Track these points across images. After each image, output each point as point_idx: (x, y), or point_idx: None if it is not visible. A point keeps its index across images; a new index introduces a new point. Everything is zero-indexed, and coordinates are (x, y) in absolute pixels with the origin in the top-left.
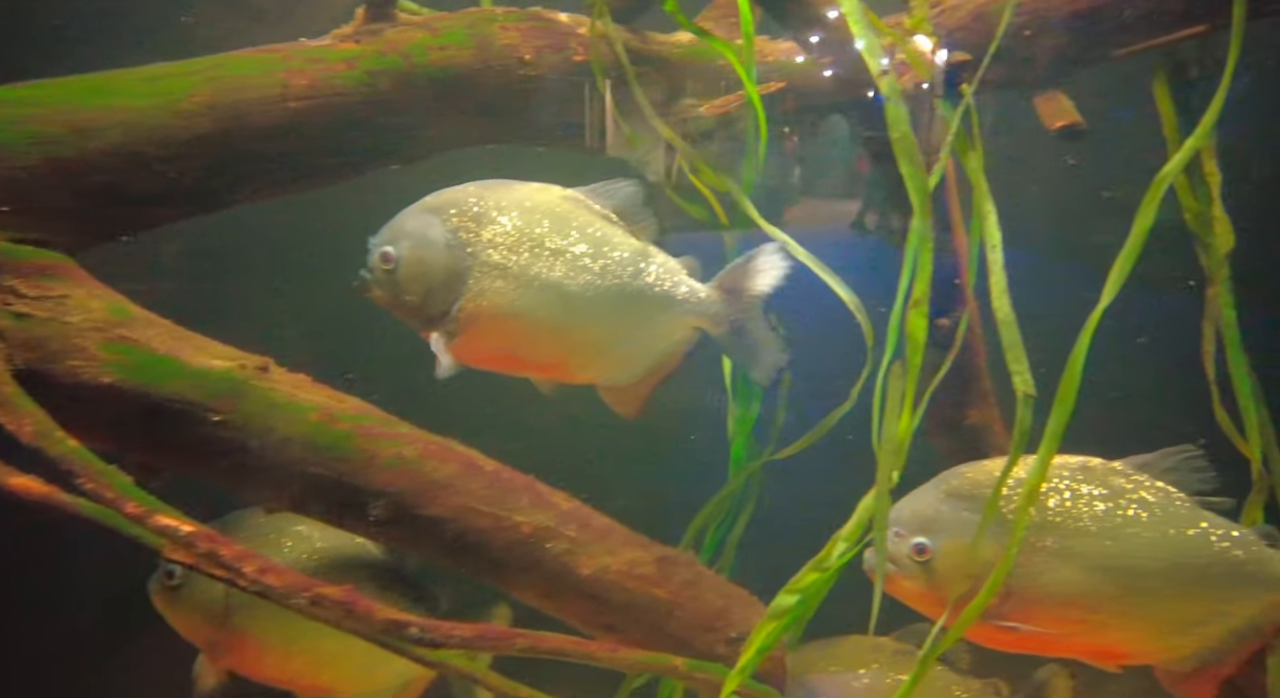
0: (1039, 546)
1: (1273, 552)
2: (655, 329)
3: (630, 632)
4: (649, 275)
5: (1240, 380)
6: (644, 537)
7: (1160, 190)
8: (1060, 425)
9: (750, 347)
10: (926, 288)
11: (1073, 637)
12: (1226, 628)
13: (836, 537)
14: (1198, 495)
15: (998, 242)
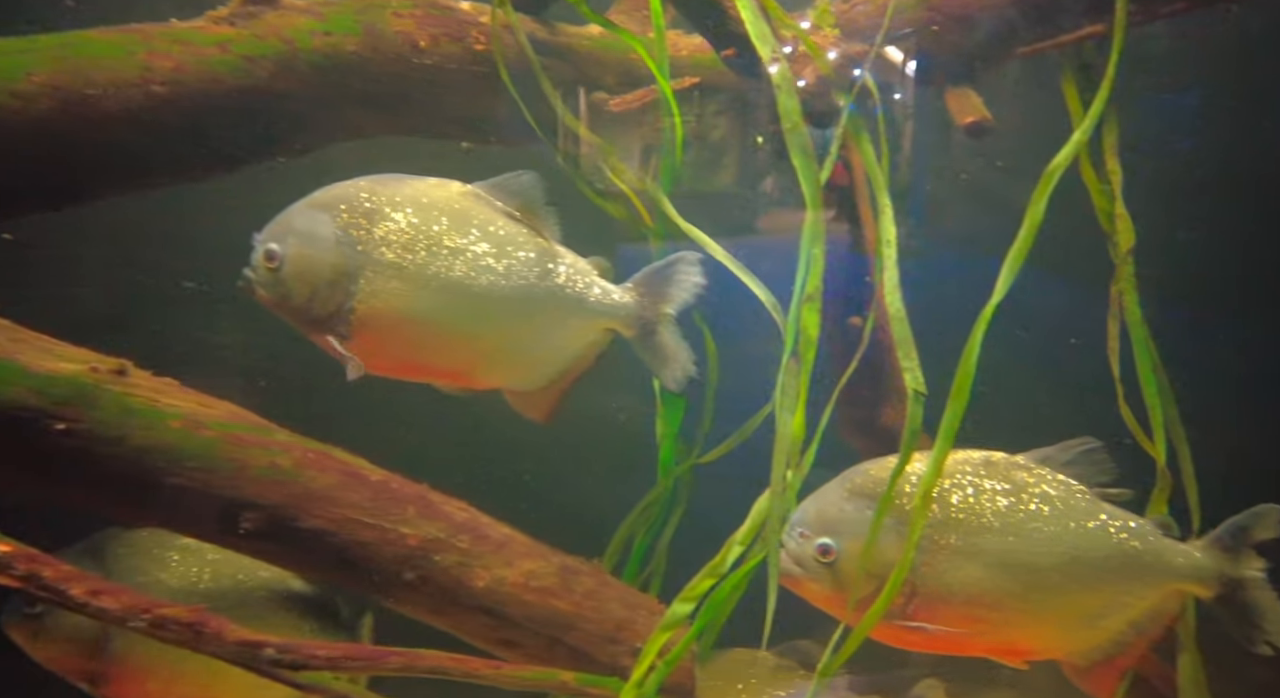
0: (943, 543)
1: (1169, 542)
2: (565, 332)
3: (530, 647)
4: (558, 276)
5: (1146, 378)
6: (546, 547)
7: (1050, 183)
8: (954, 422)
9: (662, 352)
10: (819, 283)
11: (978, 635)
12: (1127, 619)
13: (731, 540)
14: (1098, 487)
15: (892, 237)
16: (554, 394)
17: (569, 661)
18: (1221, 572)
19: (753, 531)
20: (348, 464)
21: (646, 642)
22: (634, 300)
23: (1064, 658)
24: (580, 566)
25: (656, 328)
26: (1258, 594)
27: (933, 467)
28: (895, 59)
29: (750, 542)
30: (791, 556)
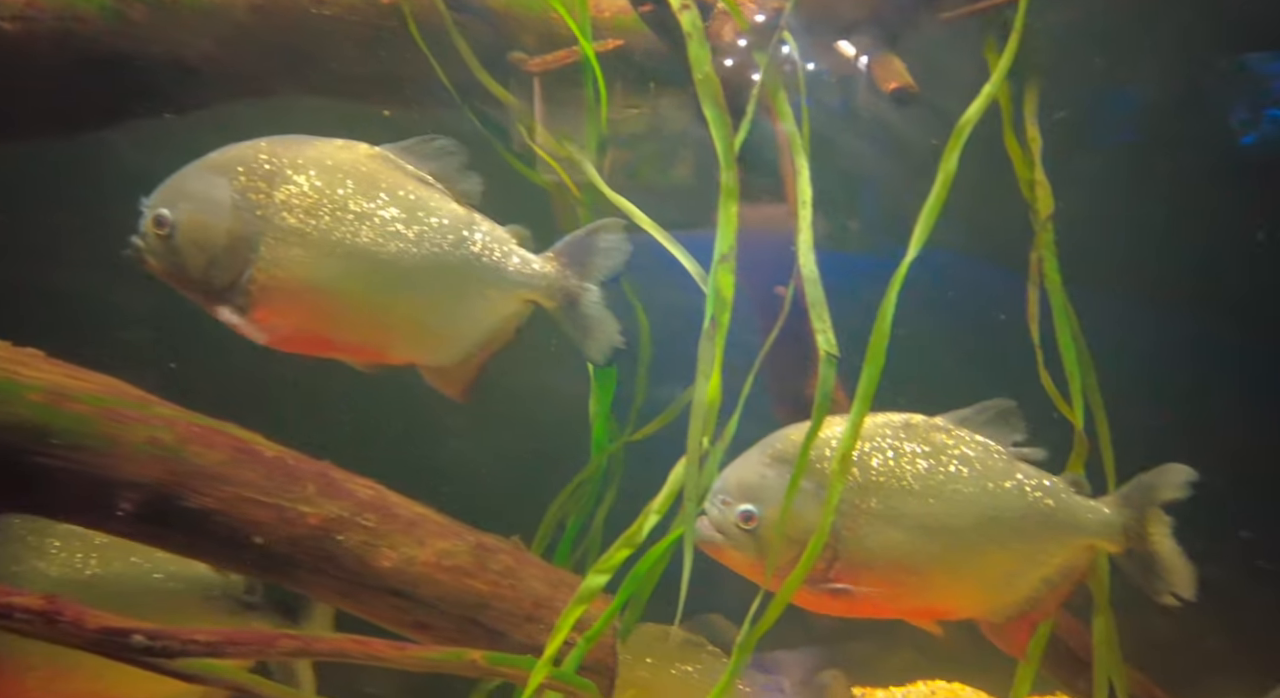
0: (863, 508)
1: (1081, 499)
2: (482, 303)
3: (443, 628)
4: (474, 244)
5: (1065, 345)
6: (461, 525)
7: (961, 137)
8: (871, 386)
9: (585, 324)
10: (733, 242)
11: (899, 598)
12: (1041, 576)
13: (647, 509)
14: (1014, 447)
15: (808, 198)
16: (471, 369)
17: (485, 641)
18: (1129, 527)
19: (669, 499)
20: (239, 440)
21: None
22: (555, 270)
23: (981, 617)
24: (498, 544)
25: (579, 299)
26: (1163, 548)
27: (850, 430)
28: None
29: (667, 511)
30: (713, 523)
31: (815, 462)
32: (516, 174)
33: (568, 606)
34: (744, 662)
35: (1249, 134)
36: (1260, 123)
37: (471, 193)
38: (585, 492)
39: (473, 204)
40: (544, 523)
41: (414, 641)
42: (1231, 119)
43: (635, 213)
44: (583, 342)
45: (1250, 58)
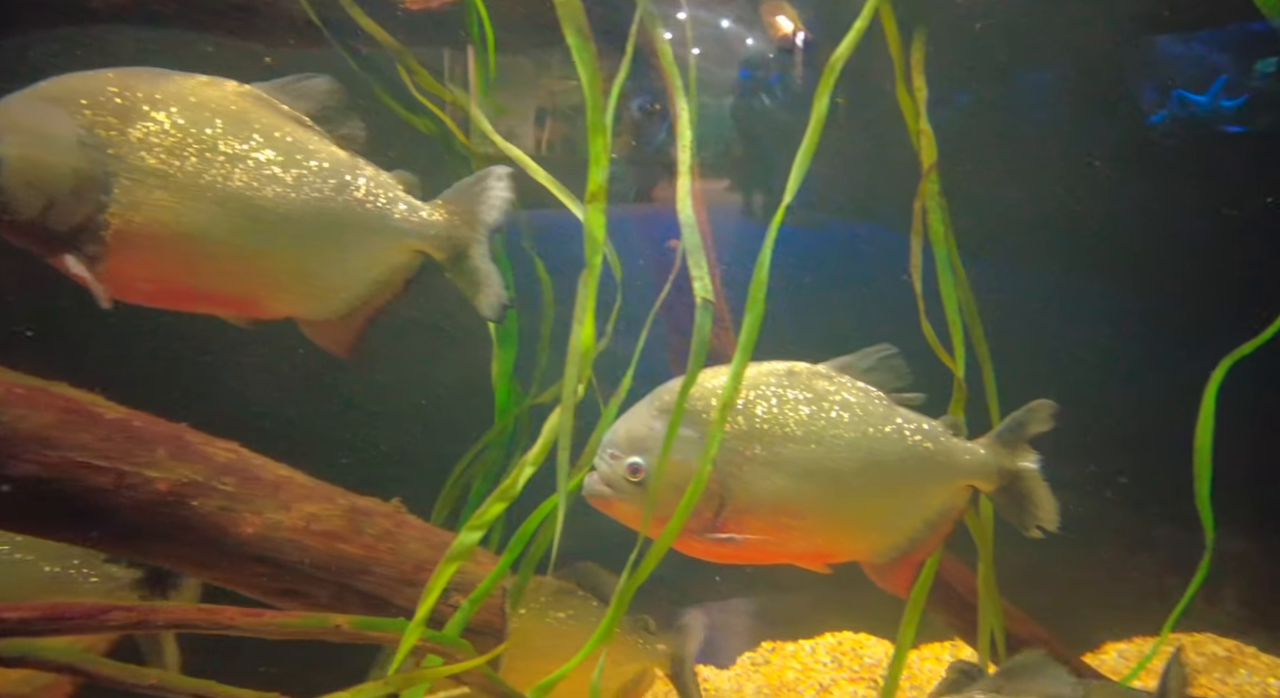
0: (749, 455)
1: (957, 441)
2: (367, 253)
3: (315, 595)
4: (357, 190)
5: (947, 294)
6: (335, 488)
7: (832, 76)
8: (751, 335)
9: (474, 276)
10: (602, 181)
11: (785, 542)
12: (921, 517)
13: (524, 461)
14: (894, 393)
15: (689, 142)
16: (356, 324)
17: (361, 607)
18: (1001, 465)
19: (544, 451)
20: (72, 402)
21: (453, 582)
22: (444, 219)
23: (865, 559)
24: (375, 507)
25: (468, 250)
26: (1032, 484)
27: (732, 379)
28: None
29: (541, 463)
30: (602, 477)
31: (702, 412)
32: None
33: (475, 569)
34: (623, 609)
35: (1158, 113)
36: (1168, 103)
37: (354, 136)
38: (489, 456)
39: (355, 149)
40: (445, 489)
41: (283, 610)
42: (1142, 99)
43: (525, 160)
44: (474, 295)
45: (1159, 39)
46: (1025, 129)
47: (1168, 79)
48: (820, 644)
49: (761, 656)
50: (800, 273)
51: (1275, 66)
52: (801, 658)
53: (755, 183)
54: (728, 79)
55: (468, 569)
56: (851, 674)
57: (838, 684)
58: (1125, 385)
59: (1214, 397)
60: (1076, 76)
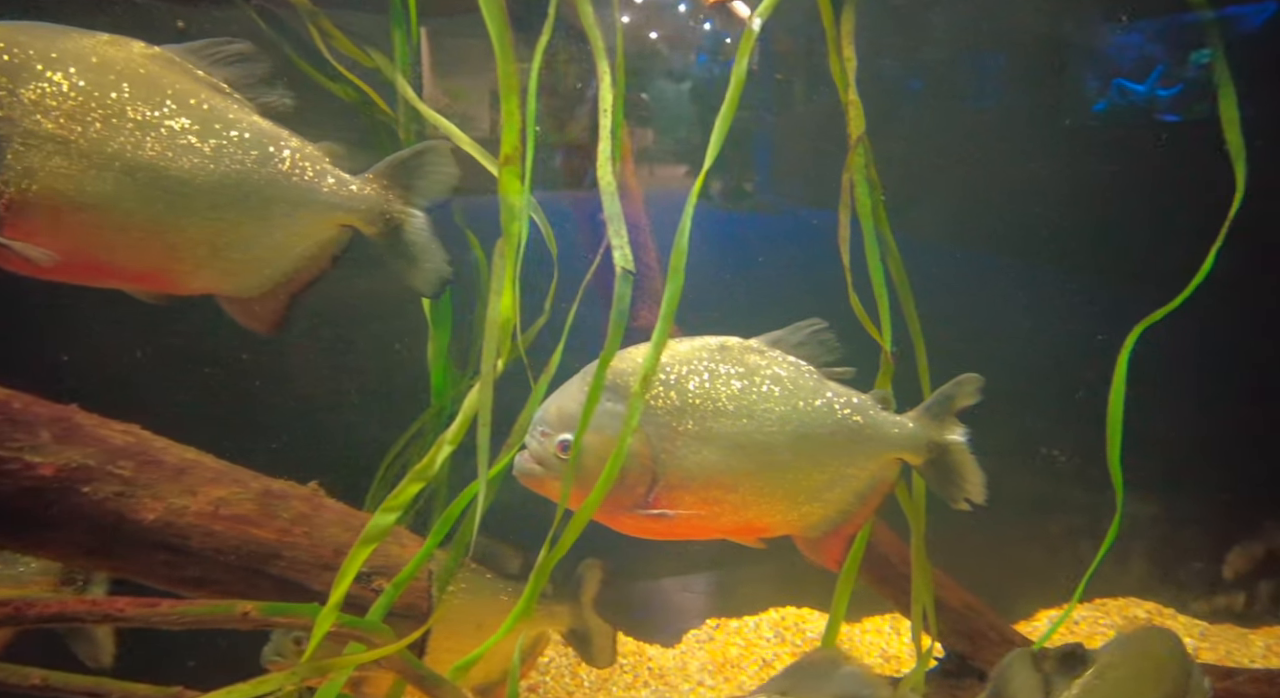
0: (681, 430)
1: (886, 415)
2: (292, 227)
3: (226, 582)
4: (282, 162)
5: (875, 268)
6: (247, 471)
7: (750, 42)
8: (672, 306)
9: (409, 252)
10: (517, 142)
11: (717, 517)
12: (851, 490)
13: (441, 440)
14: (825, 367)
15: (609, 106)
16: (280, 301)
17: (276, 592)
18: (930, 439)
19: (462, 429)
20: None
21: (376, 565)
22: (376, 192)
23: (797, 532)
24: (290, 490)
25: (404, 225)
26: (959, 457)
27: (652, 350)
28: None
29: (459, 441)
30: (533, 455)
31: (632, 387)
32: None
33: (399, 551)
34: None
35: (1101, 101)
36: (1110, 91)
37: (277, 106)
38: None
39: (280, 119)
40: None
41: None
42: (1087, 86)
43: (452, 130)
44: (408, 272)
45: (1102, 29)
46: (973, 115)
47: (1109, 68)
48: (764, 620)
49: (706, 633)
50: (758, 255)
51: (1209, 57)
52: (745, 634)
53: (714, 168)
54: (687, 64)
55: (392, 552)
56: (793, 649)
57: (780, 659)
58: (1046, 360)
59: (1125, 366)
60: (1024, 63)
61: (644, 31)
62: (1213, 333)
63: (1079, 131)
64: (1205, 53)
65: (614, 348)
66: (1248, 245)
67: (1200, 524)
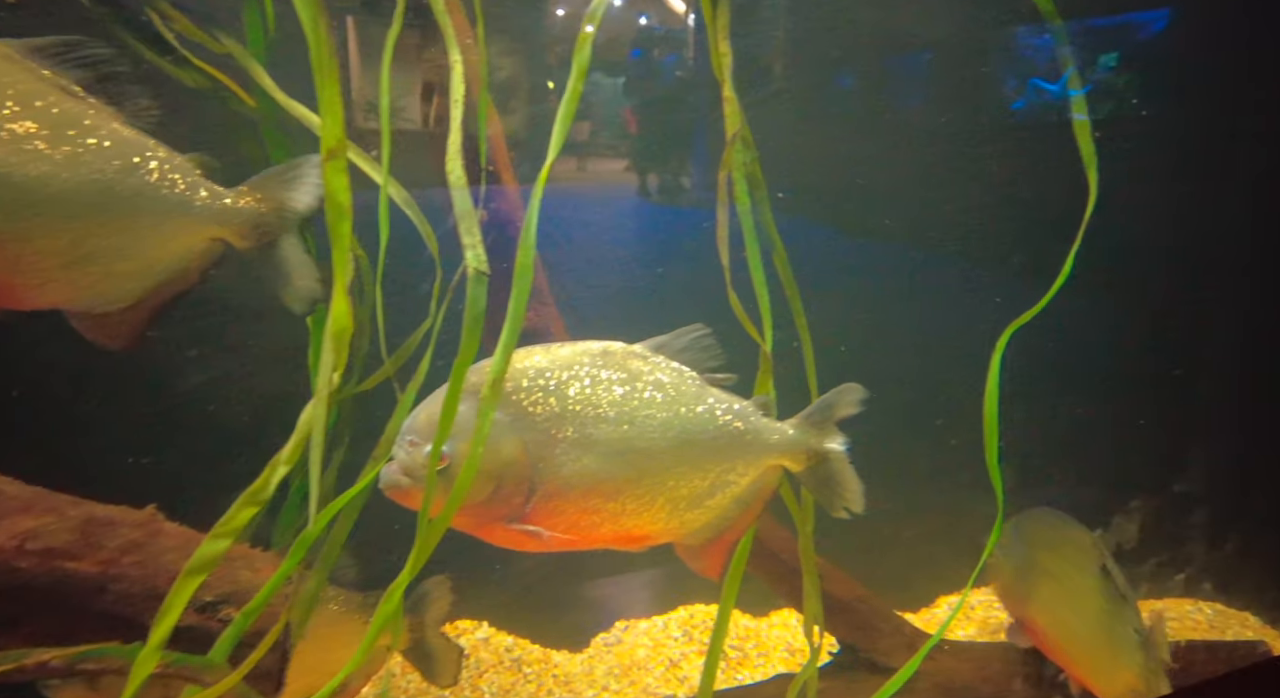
0: (559, 436)
1: (767, 421)
2: (160, 242)
3: (43, 620)
4: (149, 173)
5: (755, 266)
6: (66, 498)
7: (596, 19)
8: (520, 305)
9: (283, 268)
10: (341, 136)
11: (597, 527)
12: (732, 497)
13: (275, 461)
14: (707, 373)
15: (460, 97)
16: (141, 315)
17: (102, 630)
18: (810, 446)
19: (298, 446)
20: None
21: (222, 593)
22: (251, 206)
23: (678, 540)
24: (121, 516)
25: (278, 239)
26: (838, 466)
27: (500, 354)
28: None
29: (296, 460)
30: (401, 467)
31: (512, 393)
32: None
33: (251, 576)
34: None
35: (1019, 100)
36: (1027, 91)
37: (142, 113)
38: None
39: (144, 127)
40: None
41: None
42: (1005, 86)
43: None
44: (281, 289)
45: (1020, 30)
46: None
47: (1025, 68)
48: (673, 620)
49: (615, 635)
50: (692, 249)
51: (1115, 61)
52: (654, 634)
53: (650, 163)
54: (621, 58)
55: (242, 578)
56: (701, 647)
57: (687, 658)
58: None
59: (998, 366)
60: (946, 63)
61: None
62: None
63: (999, 128)
64: (1112, 56)
65: (469, 353)
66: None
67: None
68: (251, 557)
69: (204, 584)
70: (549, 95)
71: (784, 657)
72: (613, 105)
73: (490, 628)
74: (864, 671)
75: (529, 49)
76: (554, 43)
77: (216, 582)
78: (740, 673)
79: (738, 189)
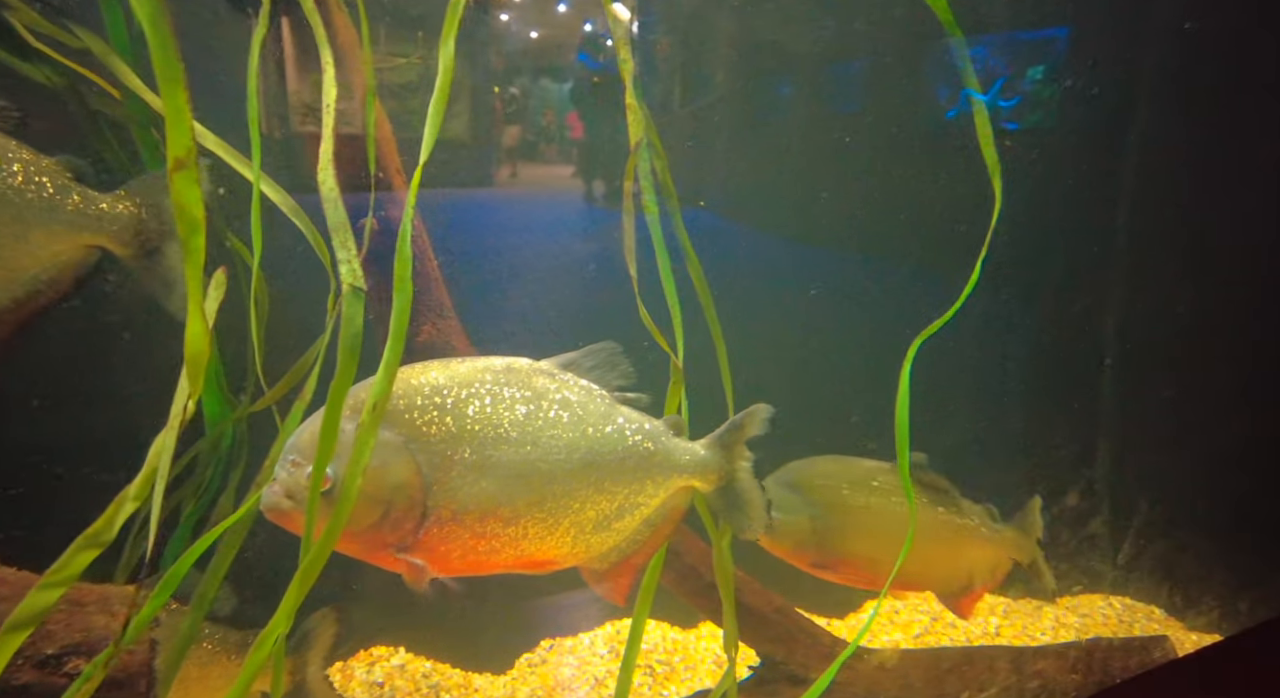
0: (455, 458)
1: (677, 441)
2: (26, 250)
3: None
4: (12, 176)
5: (666, 278)
6: None
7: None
8: (403, 318)
9: (167, 277)
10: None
11: (495, 552)
12: (640, 519)
13: (122, 497)
14: (618, 392)
15: (332, 101)
16: (4, 329)
17: None
18: (720, 466)
19: (147, 481)
20: None
21: (68, 643)
22: (130, 212)
23: (583, 564)
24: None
25: (162, 248)
26: (746, 486)
27: (383, 373)
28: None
29: (145, 496)
30: (282, 488)
31: (405, 412)
32: None
33: (118, 623)
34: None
35: (952, 109)
36: (960, 100)
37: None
38: (203, 475)
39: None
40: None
41: None
42: (939, 95)
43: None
44: (165, 297)
45: (949, 41)
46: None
47: (957, 78)
48: (599, 636)
49: (539, 655)
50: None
51: (1042, 73)
52: (579, 653)
53: (596, 169)
54: (566, 64)
55: (95, 624)
56: None
57: (613, 676)
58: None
59: (908, 374)
60: (881, 72)
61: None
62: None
63: (933, 136)
64: (1040, 68)
65: (348, 373)
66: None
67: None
68: (109, 598)
69: (46, 635)
70: (494, 99)
71: (712, 669)
72: (559, 110)
73: (406, 654)
74: (785, 683)
75: (473, 51)
76: (498, 45)
77: (62, 632)
78: (667, 688)
79: (646, 200)
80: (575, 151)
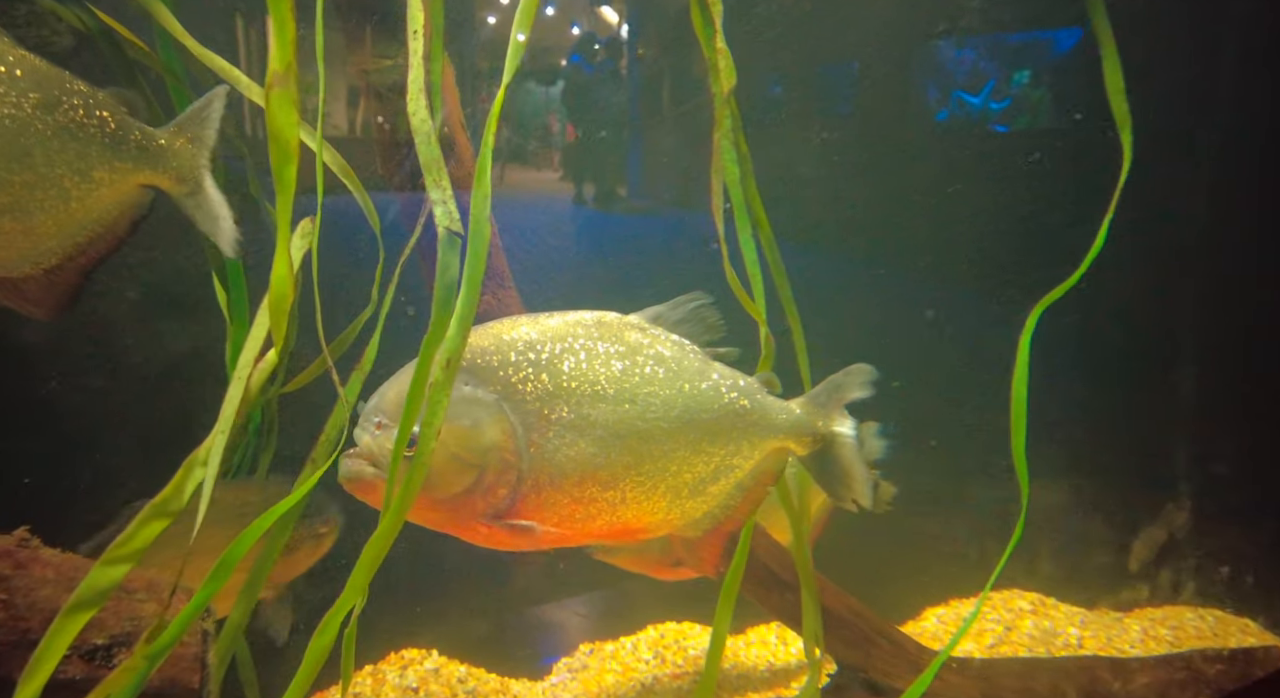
0: (552, 418)
1: (773, 400)
2: (86, 189)
3: None
4: (74, 110)
5: (746, 243)
6: None
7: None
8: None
9: (213, 211)
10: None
11: (591, 519)
12: (734, 482)
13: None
14: (709, 347)
15: (419, 28)
16: (66, 279)
17: None
18: (817, 428)
19: (218, 444)
20: None
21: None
22: (184, 146)
23: (676, 531)
24: None
25: (203, 181)
26: (845, 451)
27: (457, 325)
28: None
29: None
30: (365, 454)
31: (499, 368)
32: None
33: (58, 617)
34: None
35: (942, 110)
36: (949, 102)
37: (52, 43)
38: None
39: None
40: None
41: None
42: (929, 97)
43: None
44: (216, 232)
45: (940, 44)
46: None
47: (949, 81)
48: (642, 640)
49: (579, 660)
50: (624, 252)
51: (1029, 77)
52: (622, 658)
53: (585, 171)
54: (555, 65)
55: (144, 613)
56: (675, 670)
57: (660, 683)
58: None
59: (1028, 345)
60: (875, 75)
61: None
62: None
63: (924, 137)
64: (1026, 72)
65: (441, 324)
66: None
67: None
68: (156, 586)
69: (95, 624)
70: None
71: (766, 677)
72: (547, 112)
73: (440, 657)
74: (863, 691)
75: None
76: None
77: (111, 620)
78: None
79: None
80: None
